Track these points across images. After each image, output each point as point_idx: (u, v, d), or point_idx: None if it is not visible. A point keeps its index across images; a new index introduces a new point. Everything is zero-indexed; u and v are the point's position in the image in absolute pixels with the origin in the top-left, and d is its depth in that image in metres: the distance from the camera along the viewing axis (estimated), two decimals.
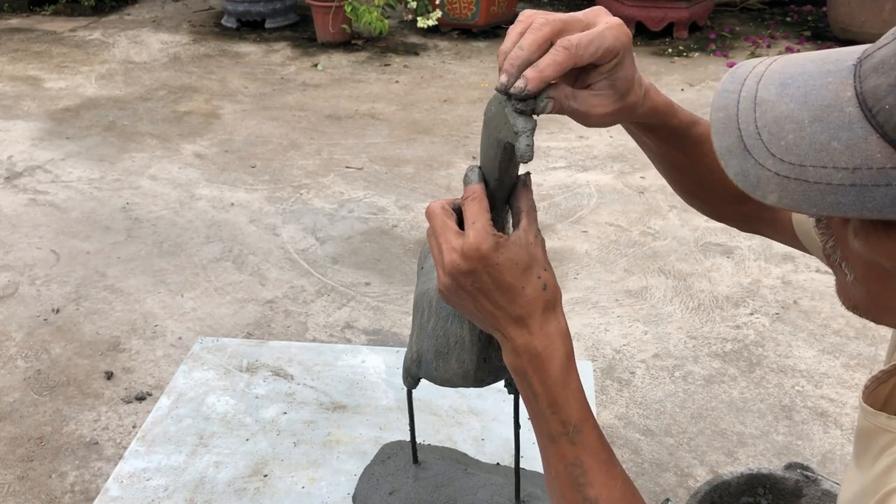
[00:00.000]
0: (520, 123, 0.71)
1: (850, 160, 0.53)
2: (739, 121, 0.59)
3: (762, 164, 0.57)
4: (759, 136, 0.57)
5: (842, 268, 0.64)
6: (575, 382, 0.77)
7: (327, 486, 1.23)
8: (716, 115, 0.61)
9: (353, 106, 4.90)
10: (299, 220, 3.61)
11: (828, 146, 0.54)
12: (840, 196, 0.53)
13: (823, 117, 0.55)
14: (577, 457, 0.74)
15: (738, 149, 0.58)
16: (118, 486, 1.24)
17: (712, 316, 2.92)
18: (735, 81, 0.62)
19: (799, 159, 0.55)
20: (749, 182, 0.57)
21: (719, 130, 0.60)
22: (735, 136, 0.58)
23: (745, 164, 0.57)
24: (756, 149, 0.57)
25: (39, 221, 3.61)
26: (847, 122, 0.54)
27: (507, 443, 1.28)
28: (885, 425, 0.69)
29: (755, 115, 0.58)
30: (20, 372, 2.68)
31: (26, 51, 5.93)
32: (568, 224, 3.53)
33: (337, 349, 1.56)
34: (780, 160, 0.56)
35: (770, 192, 0.56)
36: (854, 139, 0.54)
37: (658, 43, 5.90)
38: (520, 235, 0.76)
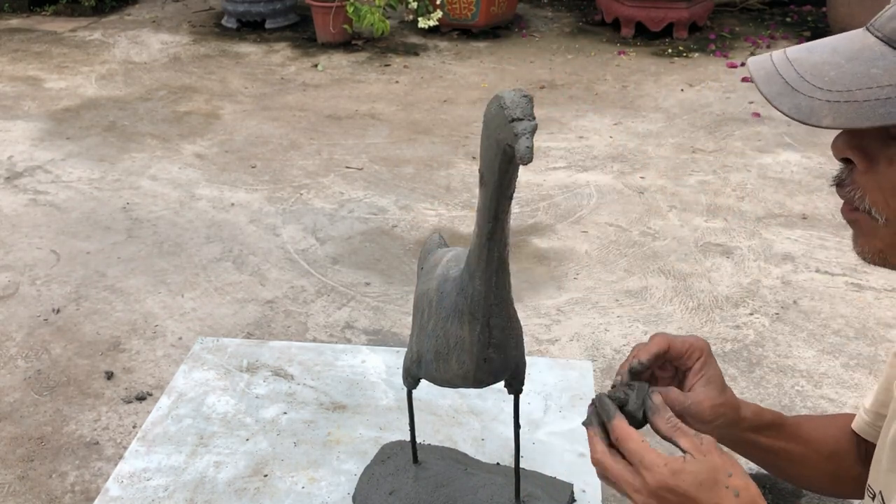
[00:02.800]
0: (520, 125, 0.71)
1: (893, 77, 0.62)
2: (780, 72, 0.68)
3: (811, 97, 0.64)
4: (803, 79, 0.66)
5: (871, 215, 0.70)
6: None
7: (327, 486, 1.23)
8: (756, 74, 0.70)
9: (353, 106, 4.91)
10: (299, 220, 3.62)
11: (868, 73, 0.63)
12: (889, 107, 0.61)
13: (857, 56, 0.64)
14: None
15: (787, 91, 0.66)
16: (118, 486, 1.25)
17: (712, 316, 2.92)
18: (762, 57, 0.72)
19: (845, 87, 0.63)
20: (803, 112, 0.64)
21: (764, 81, 0.68)
22: (780, 83, 0.67)
23: (795, 100, 0.65)
24: (803, 87, 0.65)
25: (39, 221, 3.62)
26: (880, 54, 0.63)
27: (508, 443, 1.28)
28: None
29: (793, 67, 0.67)
30: (20, 372, 2.68)
31: (26, 51, 5.93)
32: (568, 224, 3.54)
33: (337, 349, 1.56)
34: (827, 91, 0.64)
35: (824, 116, 0.63)
36: (891, 64, 0.63)
37: (658, 43, 5.90)
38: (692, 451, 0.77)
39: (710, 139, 4.39)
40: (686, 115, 4.72)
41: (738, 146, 4.28)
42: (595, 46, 5.86)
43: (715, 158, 4.16)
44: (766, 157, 4.10)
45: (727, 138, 4.39)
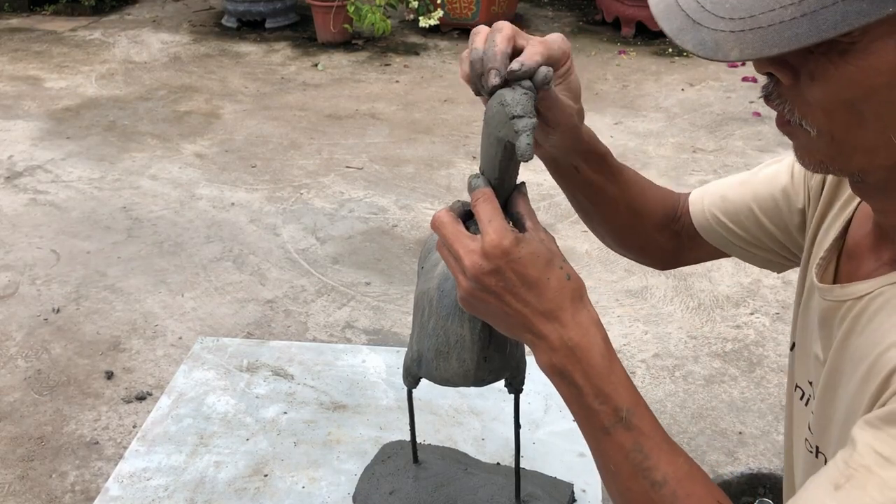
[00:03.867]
0: (520, 123, 0.71)
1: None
2: (680, 3, 0.63)
3: (715, 29, 0.61)
4: (704, 8, 0.62)
5: (802, 126, 0.68)
6: (618, 367, 0.75)
7: (327, 486, 1.23)
8: (656, 8, 0.65)
9: (353, 106, 4.90)
10: (299, 219, 3.61)
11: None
12: (795, 28, 0.57)
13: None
14: (637, 441, 0.71)
15: (688, 25, 0.62)
16: (118, 485, 1.24)
17: (713, 316, 2.92)
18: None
19: (747, 12, 0.59)
20: (708, 48, 0.61)
21: (664, 16, 0.64)
22: (681, 17, 0.63)
23: (698, 34, 0.61)
24: (705, 19, 0.61)
25: (40, 221, 3.61)
26: None
27: (508, 443, 1.28)
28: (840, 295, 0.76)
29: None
30: (20, 372, 2.68)
31: (26, 51, 5.93)
32: (568, 224, 3.53)
33: (337, 349, 1.55)
34: (730, 20, 0.60)
35: (731, 50, 0.60)
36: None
37: (658, 43, 5.90)
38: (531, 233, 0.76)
39: (711, 139, 4.39)
40: (686, 114, 4.72)
41: (738, 146, 4.28)
42: (595, 46, 5.86)
43: (716, 158, 4.16)
44: (767, 157, 4.10)
45: (728, 138, 4.38)
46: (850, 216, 0.83)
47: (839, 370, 0.76)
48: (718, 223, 1.02)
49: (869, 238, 0.79)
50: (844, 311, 0.75)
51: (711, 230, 1.03)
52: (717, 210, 1.02)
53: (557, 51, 0.78)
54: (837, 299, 0.77)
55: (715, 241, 1.03)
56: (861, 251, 0.79)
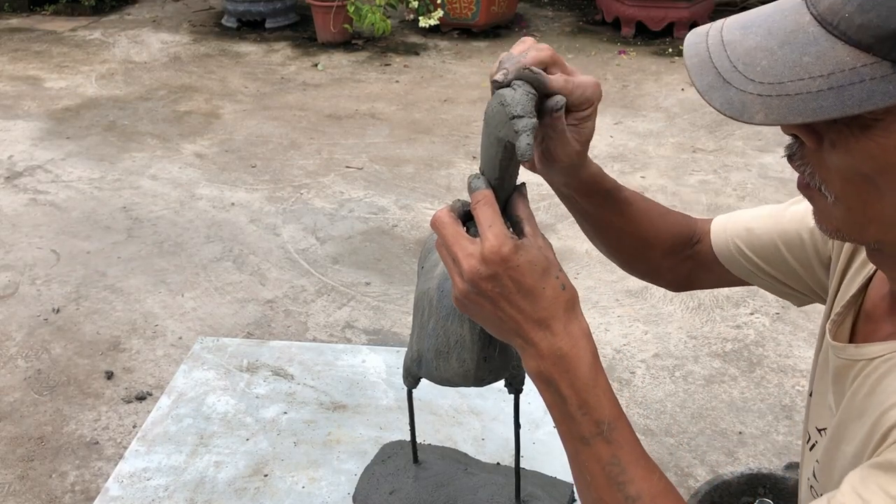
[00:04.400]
0: (520, 123, 0.71)
1: (824, 67, 0.59)
2: (713, 60, 0.65)
3: (743, 90, 0.62)
4: (736, 69, 0.63)
5: (821, 191, 0.68)
6: (603, 380, 0.75)
7: (327, 486, 1.23)
8: (690, 61, 0.66)
9: (353, 106, 4.90)
10: (299, 219, 3.61)
11: (800, 61, 0.60)
12: (821, 101, 0.59)
13: (790, 41, 0.61)
14: (614, 455, 0.72)
15: (719, 83, 0.63)
16: (118, 485, 1.24)
17: (712, 316, 2.92)
18: (698, 36, 0.68)
19: (776, 78, 0.61)
20: (734, 108, 0.62)
21: (697, 72, 0.65)
22: (713, 74, 0.64)
23: (727, 93, 0.63)
24: (735, 79, 0.63)
25: (40, 221, 3.61)
26: (812, 38, 0.60)
27: (508, 443, 1.28)
28: (855, 354, 0.76)
29: (727, 54, 0.64)
30: (20, 372, 2.68)
31: (26, 51, 5.93)
32: (568, 224, 3.53)
33: (337, 349, 1.55)
34: (759, 83, 0.61)
35: (756, 113, 0.61)
36: (822, 51, 0.60)
37: (658, 43, 5.90)
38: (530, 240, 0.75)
39: (711, 138, 4.39)
40: (686, 114, 4.72)
41: (738, 146, 4.28)
42: (595, 46, 5.86)
43: (716, 158, 4.16)
44: (767, 157, 4.10)
45: (728, 138, 4.38)
46: (870, 274, 0.83)
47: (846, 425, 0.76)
48: (741, 254, 1.01)
49: (886, 301, 0.79)
50: (857, 370, 0.76)
51: (733, 259, 1.03)
52: (740, 241, 1.02)
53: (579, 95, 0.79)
54: (851, 358, 0.77)
55: (736, 270, 1.03)
56: (878, 313, 0.79)
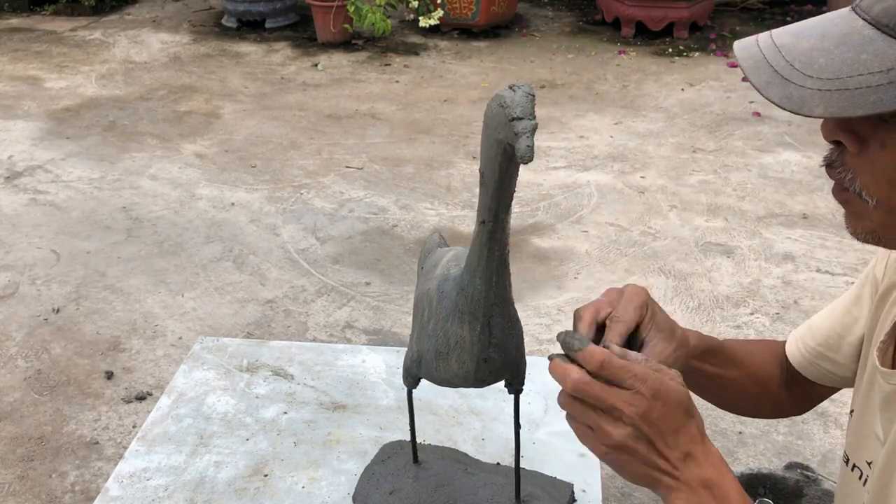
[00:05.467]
0: (520, 125, 0.71)
1: (883, 64, 0.61)
2: (769, 60, 0.66)
3: (802, 86, 0.64)
4: (793, 66, 0.65)
5: (861, 196, 0.69)
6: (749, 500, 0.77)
7: (327, 486, 1.23)
8: (745, 63, 0.68)
9: (353, 106, 4.90)
10: (299, 219, 3.61)
11: (858, 59, 0.62)
12: (881, 94, 0.60)
13: (846, 41, 0.63)
14: None
15: (776, 80, 0.65)
16: (118, 485, 1.24)
17: (713, 316, 2.92)
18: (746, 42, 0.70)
19: (836, 74, 0.62)
20: (794, 102, 0.64)
21: (753, 71, 0.67)
22: (770, 72, 0.66)
23: (785, 89, 0.64)
24: (793, 76, 0.64)
25: (40, 221, 3.61)
26: (868, 39, 0.62)
27: (508, 443, 1.28)
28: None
29: (782, 55, 0.66)
30: (20, 372, 2.68)
31: (26, 51, 5.93)
32: (568, 224, 3.53)
33: (337, 349, 1.55)
34: (818, 79, 0.63)
35: (815, 106, 0.63)
36: (880, 49, 0.61)
37: (658, 43, 5.90)
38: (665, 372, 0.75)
39: (711, 139, 4.39)
40: (686, 114, 4.72)
41: (738, 146, 4.28)
42: (595, 46, 5.86)
43: (715, 158, 4.16)
44: (767, 157, 4.10)
45: (728, 138, 4.38)
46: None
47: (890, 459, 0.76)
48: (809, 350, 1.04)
49: None
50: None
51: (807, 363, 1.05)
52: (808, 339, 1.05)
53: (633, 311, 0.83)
54: None
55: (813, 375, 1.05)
56: None
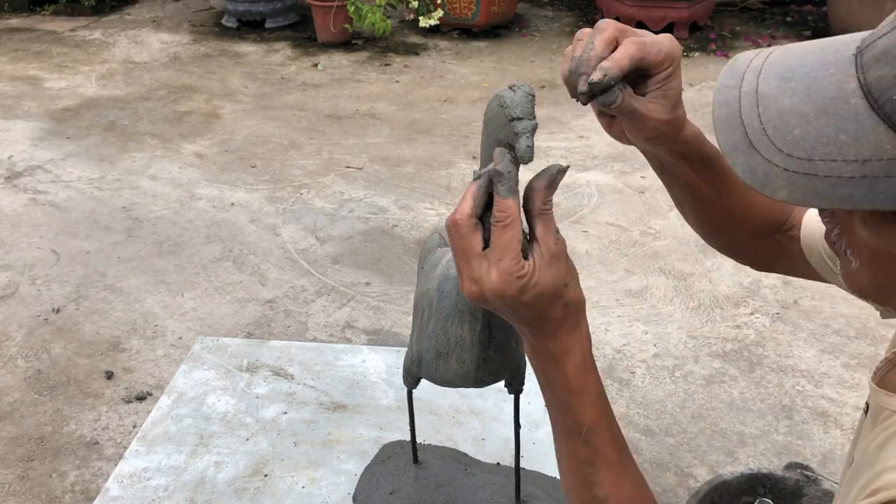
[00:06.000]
0: (520, 125, 0.71)
1: (860, 152, 0.53)
2: (743, 116, 0.58)
3: (770, 161, 0.56)
4: (765, 132, 0.57)
5: (847, 255, 0.64)
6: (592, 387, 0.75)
7: (327, 486, 1.23)
8: (718, 112, 0.60)
9: (353, 106, 4.90)
10: (299, 219, 3.61)
11: (835, 139, 0.54)
12: (851, 189, 0.53)
13: (829, 110, 0.55)
14: (590, 456, 0.74)
15: (744, 145, 0.57)
16: (118, 485, 1.24)
17: (713, 316, 2.92)
18: (734, 76, 0.61)
19: (807, 154, 0.55)
20: (758, 179, 0.57)
21: (723, 127, 0.59)
22: (740, 133, 0.58)
23: (752, 160, 0.57)
24: (762, 145, 0.57)
25: (39, 221, 3.61)
26: (853, 113, 0.54)
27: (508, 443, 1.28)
28: (885, 402, 0.72)
29: (758, 111, 0.58)
30: (20, 372, 2.68)
31: (26, 51, 5.93)
32: (568, 224, 3.53)
33: (337, 349, 1.55)
34: (787, 155, 0.56)
35: (779, 189, 0.56)
36: (862, 131, 0.53)
37: None
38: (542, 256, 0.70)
39: (710, 138, 4.38)
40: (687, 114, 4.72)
41: None
42: None
43: None
44: None
45: None
46: None
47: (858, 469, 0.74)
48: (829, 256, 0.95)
49: None
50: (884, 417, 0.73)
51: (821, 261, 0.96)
52: None
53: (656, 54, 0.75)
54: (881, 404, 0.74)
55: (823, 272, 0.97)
56: None
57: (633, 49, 0.73)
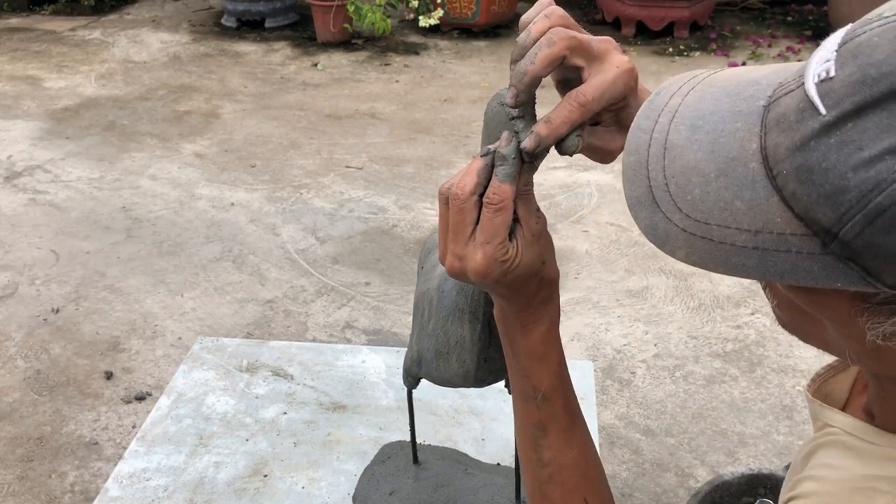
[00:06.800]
0: (520, 124, 0.71)
1: (753, 222, 0.52)
2: (649, 168, 0.57)
3: (670, 219, 0.55)
4: (667, 188, 0.55)
5: (767, 292, 0.63)
6: (554, 355, 0.78)
7: (327, 487, 1.23)
8: (627, 160, 0.59)
9: (353, 105, 4.90)
10: (299, 219, 3.61)
11: (731, 205, 0.52)
12: (744, 258, 0.52)
13: (728, 171, 0.53)
14: (541, 420, 0.78)
15: (648, 200, 0.56)
16: (118, 486, 1.24)
17: (713, 316, 2.92)
18: (649, 118, 0.59)
19: (704, 216, 0.53)
20: (658, 236, 0.56)
21: (630, 178, 0.58)
22: (644, 186, 0.57)
23: (653, 216, 0.56)
24: (664, 201, 0.55)
25: (39, 221, 3.61)
26: (750, 179, 0.52)
27: (508, 443, 1.28)
28: (818, 413, 0.72)
29: (664, 163, 0.56)
30: (20, 372, 2.67)
31: (26, 50, 5.93)
32: (569, 224, 3.53)
33: (337, 349, 1.55)
34: (686, 216, 0.54)
35: (678, 248, 0.55)
36: (756, 199, 0.52)
37: (659, 42, 5.89)
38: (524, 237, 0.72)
39: None
40: None
41: None
42: None
43: None
44: None
45: None
46: None
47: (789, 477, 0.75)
48: None
49: None
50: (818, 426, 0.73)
51: None
52: None
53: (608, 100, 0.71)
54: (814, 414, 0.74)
55: None
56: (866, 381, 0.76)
57: (577, 115, 0.70)
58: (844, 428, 0.68)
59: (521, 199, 0.72)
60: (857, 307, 0.53)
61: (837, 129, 0.48)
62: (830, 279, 0.50)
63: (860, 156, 0.47)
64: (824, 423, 0.71)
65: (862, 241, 0.48)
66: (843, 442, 0.67)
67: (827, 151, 0.48)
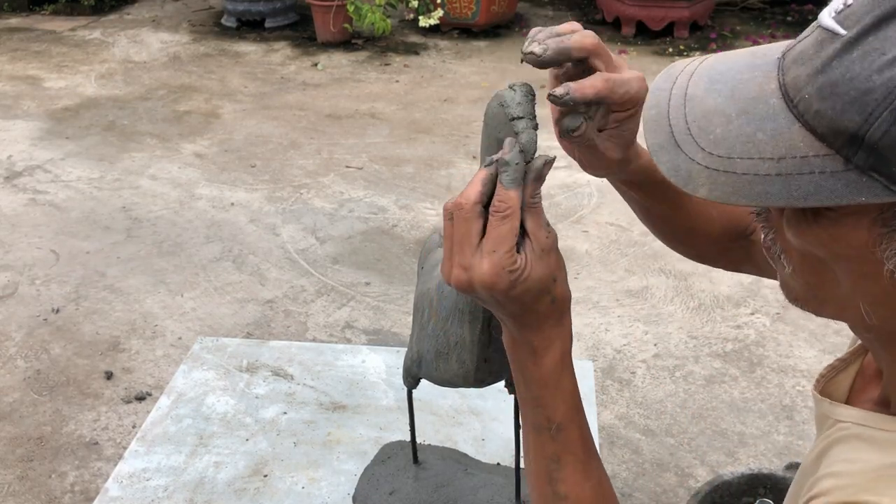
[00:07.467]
0: (520, 124, 0.71)
1: (776, 150, 0.55)
2: (670, 117, 0.60)
3: (692, 159, 0.58)
4: (689, 131, 0.59)
5: (781, 260, 0.65)
6: (567, 384, 0.75)
7: (327, 486, 1.23)
8: (647, 113, 0.62)
9: (353, 105, 4.90)
10: (299, 219, 3.61)
11: (754, 137, 0.56)
12: (767, 186, 0.55)
13: (749, 109, 0.57)
14: (556, 453, 0.75)
15: (670, 144, 0.59)
16: (118, 486, 1.24)
17: (713, 316, 2.92)
18: (668, 80, 0.63)
19: (727, 152, 0.57)
20: (681, 177, 0.58)
21: (651, 127, 0.61)
22: (666, 133, 0.60)
23: (676, 159, 0.59)
24: (686, 143, 0.59)
25: (39, 221, 3.61)
26: (771, 112, 0.56)
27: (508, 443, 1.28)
28: (828, 411, 0.73)
29: (685, 111, 0.60)
30: (20, 372, 2.67)
31: (26, 50, 5.93)
32: (569, 224, 3.53)
33: (337, 349, 1.55)
34: (708, 153, 0.57)
35: (700, 186, 0.57)
36: (778, 129, 0.55)
37: (659, 42, 5.89)
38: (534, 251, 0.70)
39: None
40: None
41: None
42: None
43: None
44: None
45: None
46: None
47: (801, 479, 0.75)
48: None
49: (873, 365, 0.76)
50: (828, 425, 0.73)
51: None
52: None
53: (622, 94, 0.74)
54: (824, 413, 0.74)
55: None
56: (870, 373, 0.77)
57: (601, 84, 0.73)
58: (857, 420, 0.68)
59: (530, 212, 0.71)
60: (876, 234, 0.55)
61: (859, 43, 0.51)
62: (854, 194, 0.52)
63: (883, 59, 0.50)
64: (835, 421, 0.71)
65: (889, 140, 0.50)
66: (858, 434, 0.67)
67: (850, 64, 0.51)
